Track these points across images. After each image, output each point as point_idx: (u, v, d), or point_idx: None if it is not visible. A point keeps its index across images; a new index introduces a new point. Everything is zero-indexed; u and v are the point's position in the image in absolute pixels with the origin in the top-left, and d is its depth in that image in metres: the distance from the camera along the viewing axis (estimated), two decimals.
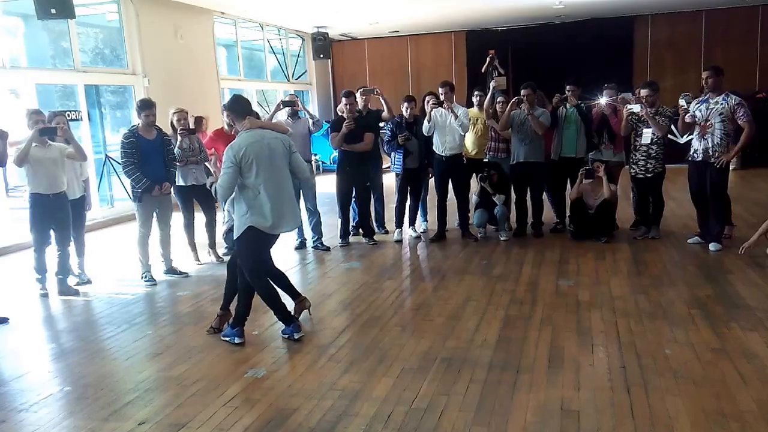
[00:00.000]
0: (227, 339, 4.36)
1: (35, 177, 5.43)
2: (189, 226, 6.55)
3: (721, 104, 6.00)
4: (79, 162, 5.86)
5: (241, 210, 4.17)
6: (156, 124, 5.94)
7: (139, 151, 5.73)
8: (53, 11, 7.17)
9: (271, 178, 4.15)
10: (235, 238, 4.28)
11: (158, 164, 5.85)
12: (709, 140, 6.03)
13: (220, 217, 5.94)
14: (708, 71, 6.16)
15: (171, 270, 6.15)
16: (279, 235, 4.38)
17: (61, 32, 8.95)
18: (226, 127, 6.51)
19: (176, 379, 3.80)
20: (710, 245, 6.20)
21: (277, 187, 4.20)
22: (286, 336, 4.35)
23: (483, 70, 13.15)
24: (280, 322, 4.40)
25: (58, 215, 5.59)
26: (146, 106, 5.85)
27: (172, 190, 6.15)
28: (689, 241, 6.47)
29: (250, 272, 4.28)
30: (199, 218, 6.60)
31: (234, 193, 4.18)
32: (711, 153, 6.03)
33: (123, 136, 5.87)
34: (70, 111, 8.32)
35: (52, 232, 5.64)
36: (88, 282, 6.09)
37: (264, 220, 4.15)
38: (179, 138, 6.21)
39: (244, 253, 4.28)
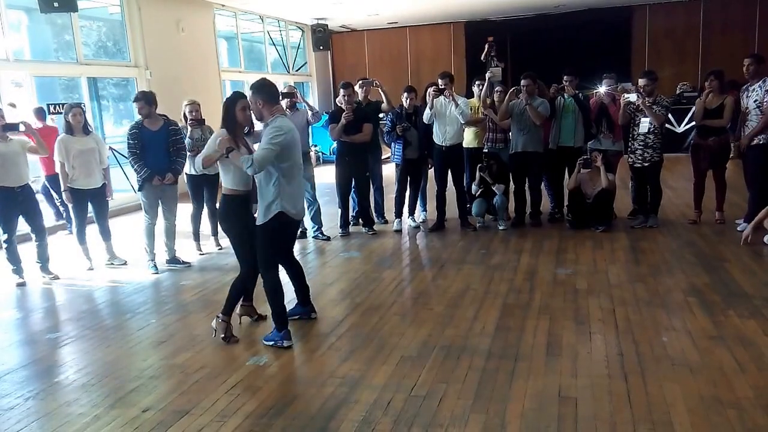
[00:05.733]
0: (271, 343, 4.09)
1: None
2: (196, 217, 6.63)
3: (757, 91, 6.16)
4: (43, 155, 6.01)
5: (268, 195, 3.98)
6: (159, 113, 5.99)
7: (141, 141, 5.82)
8: (56, 4, 7.20)
9: (297, 164, 4.11)
10: (258, 223, 4.07)
11: (160, 154, 5.88)
12: (748, 127, 6.22)
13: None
14: (749, 58, 6.30)
15: (174, 260, 6.21)
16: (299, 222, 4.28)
17: (64, 25, 8.98)
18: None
19: (180, 367, 3.85)
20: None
21: (299, 174, 4.18)
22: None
23: (482, 58, 13.12)
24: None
25: (25, 206, 5.77)
26: (137, 99, 5.94)
27: (180, 180, 6.19)
28: (739, 228, 6.39)
29: (266, 262, 4.12)
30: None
31: (258, 178, 4.03)
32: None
33: (129, 128, 5.98)
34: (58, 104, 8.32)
35: (27, 226, 5.87)
36: (124, 264, 6.34)
37: (292, 206, 4.05)
38: (189, 128, 6.26)
39: (266, 239, 4.09)
